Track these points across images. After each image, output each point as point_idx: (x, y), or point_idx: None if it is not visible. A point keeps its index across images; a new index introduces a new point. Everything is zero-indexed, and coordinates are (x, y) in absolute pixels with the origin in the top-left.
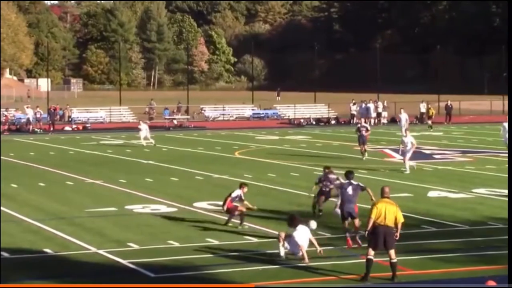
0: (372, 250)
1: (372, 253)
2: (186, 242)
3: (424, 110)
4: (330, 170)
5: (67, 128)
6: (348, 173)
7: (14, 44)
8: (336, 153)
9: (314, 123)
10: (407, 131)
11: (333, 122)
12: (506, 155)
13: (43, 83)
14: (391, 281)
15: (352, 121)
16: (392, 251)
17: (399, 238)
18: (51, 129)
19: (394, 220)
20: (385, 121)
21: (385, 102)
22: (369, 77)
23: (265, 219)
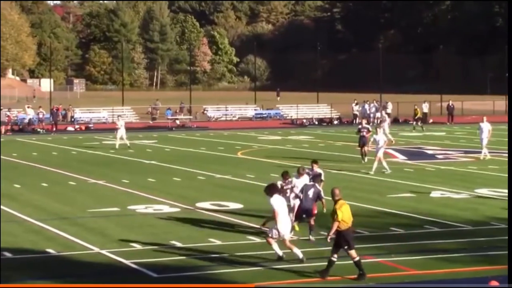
0: (336, 253)
1: (336, 254)
2: (188, 242)
3: (427, 110)
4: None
5: (70, 128)
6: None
7: (17, 44)
8: (338, 153)
9: (316, 123)
10: (379, 129)
11: (335, 122)
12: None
13: (45, 84)
14: (359, 280)
15: (354, 121)
16: (353, 250)
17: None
18: (54, 129)
19: (352, 219)
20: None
21: (388, 103)
22: (371, 77)
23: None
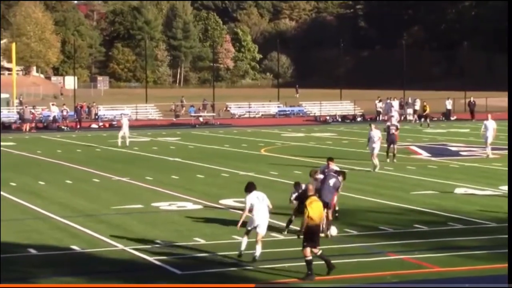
0: (309, 251)
1: (310, 252)
2: (212, 239)
3: (450, 107)
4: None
5: (94, 125)
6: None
7: (40, 41)
8: (361, 150)
9: (339, 120)
10: (372, 125)
11: (358, 119)
12: None
13: (69, 81)
14: (304, 280)
15: (378, 118)
16: (318, 247)
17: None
18: (78, 126)
19: (321, 216)
20: (411, 117)
21: (409, 98)
22: (394, 74)
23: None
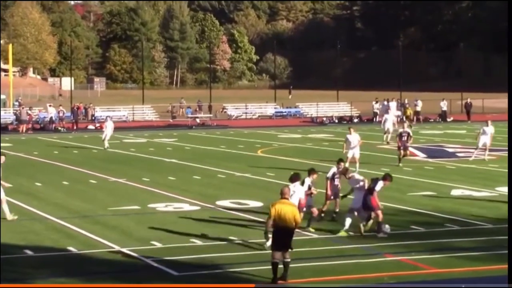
0: (277, 253)
1: (278, 255)
2: (209, 240)
3: (446, 108)
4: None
5: (91, 126)
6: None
7: (37, 42)
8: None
9: (336, 121)
10: (351, 129)
11: (355, 120)
12: None
13: (66, 82)
14: (283, 281)
15: (374, 119)
16: (287, 252)
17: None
18: (75, 127)
19: (294, 220)
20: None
21: (405, 100)
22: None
23: None
